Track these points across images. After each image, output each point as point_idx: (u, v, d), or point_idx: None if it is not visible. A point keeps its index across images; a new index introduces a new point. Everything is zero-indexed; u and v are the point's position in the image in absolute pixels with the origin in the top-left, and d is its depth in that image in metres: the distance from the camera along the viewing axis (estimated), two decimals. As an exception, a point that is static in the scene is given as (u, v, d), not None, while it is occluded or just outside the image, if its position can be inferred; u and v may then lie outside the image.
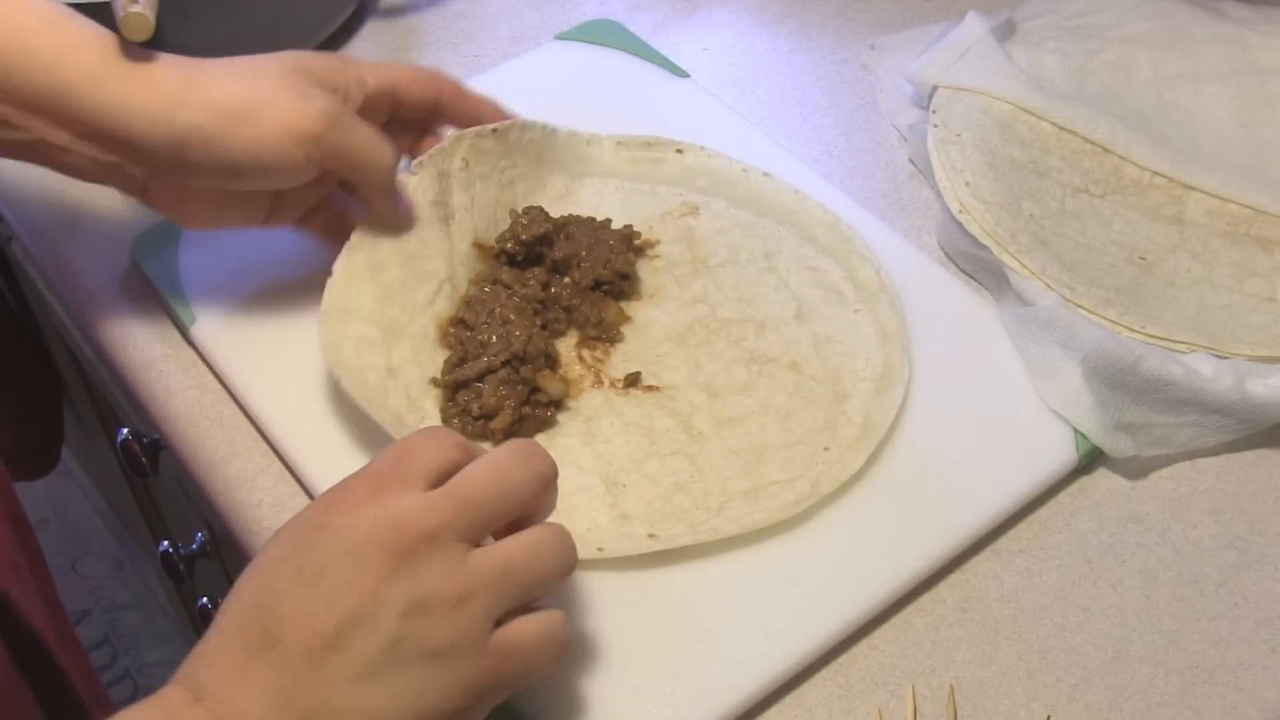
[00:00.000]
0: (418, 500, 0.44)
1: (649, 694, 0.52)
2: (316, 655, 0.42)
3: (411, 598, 0.43)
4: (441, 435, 0.47)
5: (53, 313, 0.80)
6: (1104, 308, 0.63)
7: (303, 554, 0.44)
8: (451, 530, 0.44)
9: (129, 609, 1.60)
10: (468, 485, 0.45)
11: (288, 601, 0.43)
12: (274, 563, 0.44)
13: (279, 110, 0.55)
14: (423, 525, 0.44)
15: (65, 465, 1.65)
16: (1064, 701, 0.53)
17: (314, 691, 0.42)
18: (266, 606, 0.43)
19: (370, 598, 0.43)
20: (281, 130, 0.55)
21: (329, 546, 0.43)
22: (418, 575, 0.43)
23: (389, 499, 0.44)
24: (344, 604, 0.42)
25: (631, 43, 0.79)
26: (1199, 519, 0.59)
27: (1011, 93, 0.71)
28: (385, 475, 0.45)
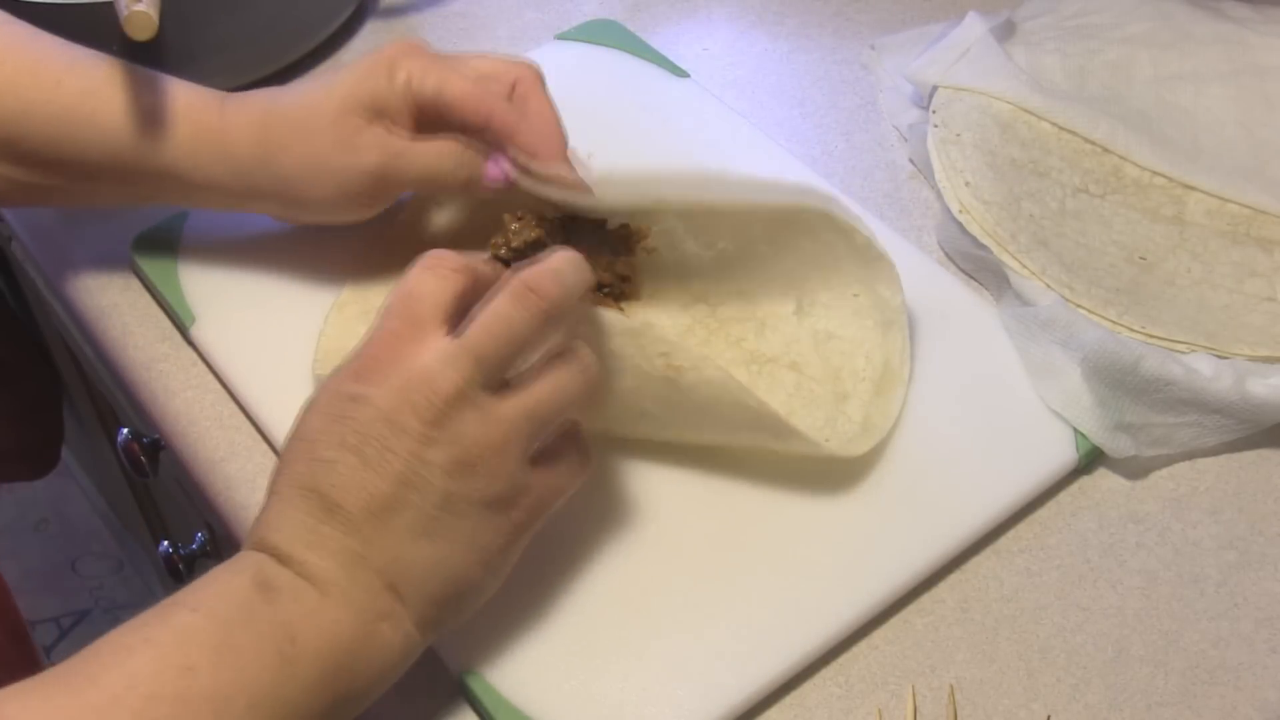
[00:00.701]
0: (437, 358, 0.47)
1: (649, 694, 0.52)
2: (378, 516, 0.46)
3: (453, 456, 0.46)
4: (439, 264, 0.50)
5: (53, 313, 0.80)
6: (1104, 308, 0.63)
7: (342, 424, 0.46)
8: (474, 385, 0.47)
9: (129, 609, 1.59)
10: (479, 337, 0.48)
11: (339, 470, 0.46)
12: (315, 433, 0.47)
13: (333, 175, 0.59)
14: (447, 388, 0.46)
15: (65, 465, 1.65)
16: (1064, 701, 0.53)
17: (382, 548, 0.46)
18: (319, 475, 0.46)
19: (415, 461, 0.46)
20: (340, 194, 0.60)
21: (364, 415, 0.46)
22: (454, 435, 0.46)
23: (410, 359, 0.47)
24: (392, 469, 0.46)
25: (631, 43, 0.79)
26: (1199, 519, 0.59)
27: (1011, 93, 0.72)
28: (400, 331, 0.48)
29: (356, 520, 0.45)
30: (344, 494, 0.45)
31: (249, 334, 0.63)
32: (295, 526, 0.46)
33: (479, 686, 0.52)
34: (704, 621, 0.54)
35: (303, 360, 0.62)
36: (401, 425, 0.46)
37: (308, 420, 0.48)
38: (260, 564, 0.45)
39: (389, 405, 0.46)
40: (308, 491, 0.46)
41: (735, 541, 0.56)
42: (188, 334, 0.64)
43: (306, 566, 0.45)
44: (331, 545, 0.45)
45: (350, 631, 0.45)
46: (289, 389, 0.61)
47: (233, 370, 0.62)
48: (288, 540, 0.46)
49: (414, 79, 0.58)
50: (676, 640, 0.53)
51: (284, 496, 0.47)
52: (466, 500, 0.47)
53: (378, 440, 0.46)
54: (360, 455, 0.46)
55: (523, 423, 0.48)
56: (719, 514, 0.57)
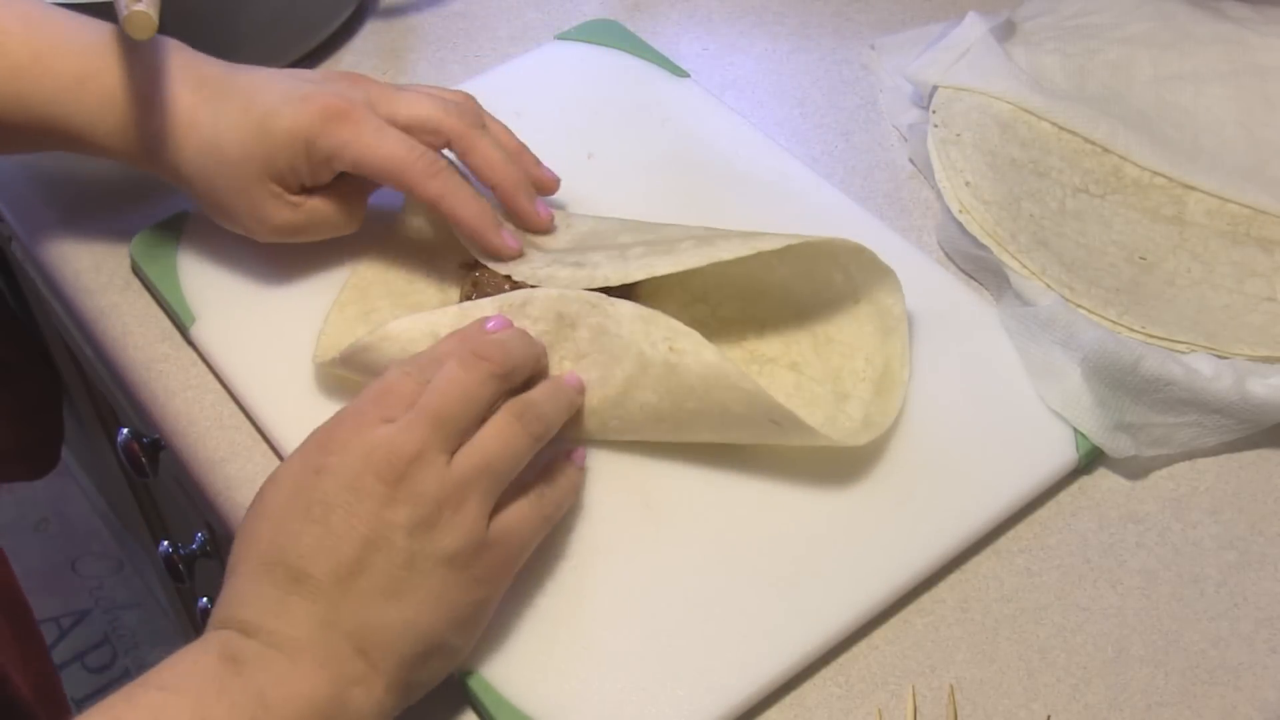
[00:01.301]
0: (396, 427, 0.49)
1: (649, 694, 0.52)
2: (345, 581, 0.46)
3: (414, 516, 0.47)
4: (416, 371, 0.51)
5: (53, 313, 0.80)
6: (1104, 308, 0.63)
7: (306, 495, 0.47)
8: (432, 446, 0.48)
9: (129, 609, 1.60)
10: (435, 401, 0.49)
11: (304, 539, 0.47)
12: (281, 508, 0.48)
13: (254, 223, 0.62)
14: (407, 449, 0.48)
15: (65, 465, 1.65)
16: (1064, 701, 0.53)
17: (350, 613, 0.46)
18: (286, 548, 0.47)
19: (378, 523, 0.47)
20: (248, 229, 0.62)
21: (329, 485, 0.47)
22: (414, 495, 0.48)
23: (370, 432, 0.48)
24: (356, 534, 0.46)
25: (631, 43, 0.79)
26: (1199, 519, 0.59)
27: (1011, 93, 0.71)
28: (367, 413, 0.49)
29: (324, 587, 0.46)
30: (311, 563, 0.46)
31: (249, 334, 0.63)
32: (262, 600, 0.46)
33: (479, 686, 0.52)
34: (704, 621, 0.54)
35: (303, 361, 0.62)
36: (364, 489, 0.47)
37: (270, 498, 0.49)
38: (226, 640, 0.45)
39: (351, 472, 0.47)
40: (273, 565, 0.47)
41: (735, 542, 0.56)
42: (188, 334, 0.64)
43: (275, 636, 0.45)
44: (299, 613, 0.46)
45: (324, 695, 0.45)
46: (289, 389, 0.61)
47: (233, 370, 0.62)
48: (255, 614, 0.46)
49: (334, 158, 0.59)
50: (676, 640, 0.53)
51: (247, 574, 0.47)
52: (430, 558, 0.47)
53: (342, 507, 0.47)
54: (325, 525, 0.47)
55: (479, 478, 0.49)
56: (719, 514, 0.57)
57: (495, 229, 0.60)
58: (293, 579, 0.46)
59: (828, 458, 0.59)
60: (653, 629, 0.53)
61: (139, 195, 0.70)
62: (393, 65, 0.80)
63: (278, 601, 0.46)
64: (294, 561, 0.46)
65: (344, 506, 0.47)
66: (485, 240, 0.60)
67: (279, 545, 0.47)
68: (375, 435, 0.48)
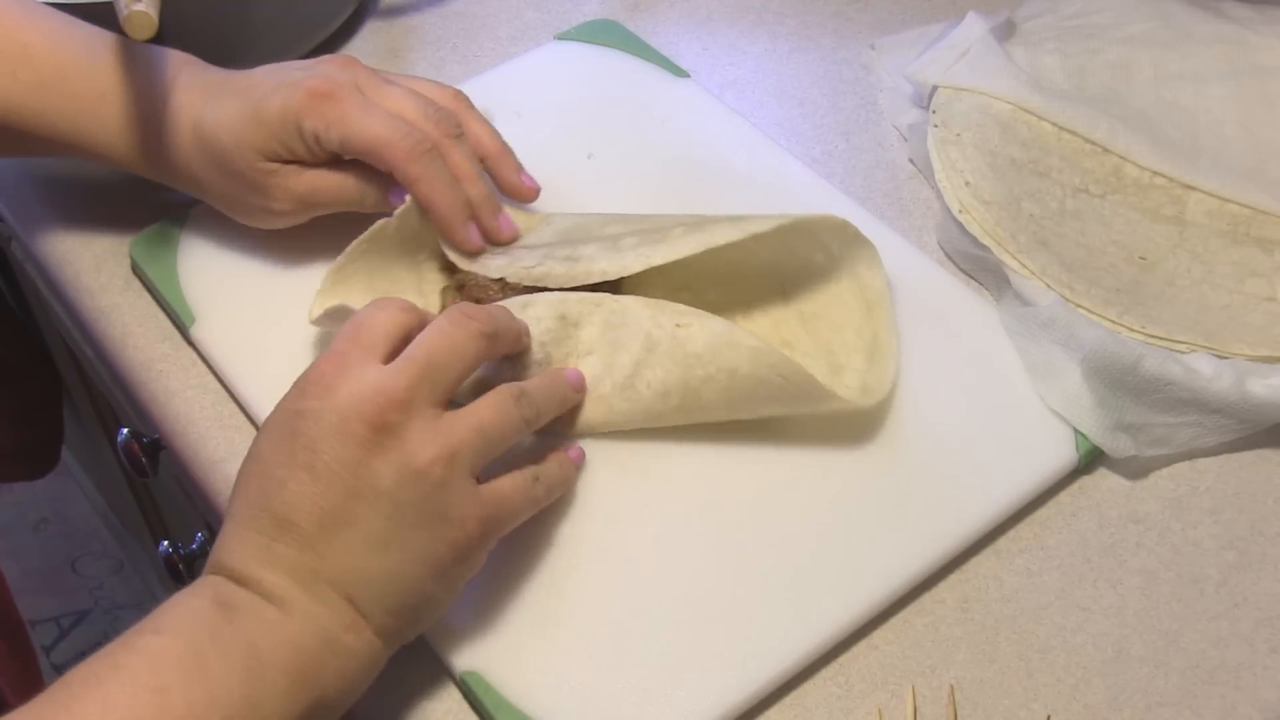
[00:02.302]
0: (383, 371, 0.48)
1: (649, 694, 0.52)
2: (330, 530, 0.46)
3: (401, 465, 0.47)
4: (389, 304, 0.51)
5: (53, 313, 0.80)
6: (1104, 308, 0.63)
7: (291, 441, 0.47)
8: (420, 394, 0.48)
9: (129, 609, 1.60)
10: (422, 350, 0.49)
11: (289, 486, 0.47)
12: (267, 454, 0.48)
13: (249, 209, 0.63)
14: (394, 394, 0.47)
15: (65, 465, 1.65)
16: (1064, 701, 0.53)
17: (335, 562, 0.46)
18: (271, 494, 0.47)
19: (364, 471, 0.47)
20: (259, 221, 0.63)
21: (313, 430, 0.47)
22: (401, 443, 0.47)
23: (356, 374, 0.48)
24: (341, 482, 0.46)
25: (631, 43, 0.79)
26: (1199, 519, 0.59)
27: (1011, 93, 0.71)
28: (347, 352, 0.49)
29: (310, 535, 0.46)
30: (296, 510, 0.46)
31: (249, 334, 0.63)
32: (249, 546, 0.47)
33: (479, 686, 0.52)
34: (704, 621, 0.54)
35: (303, 360, 0.62)
36: (350, 433, 0.47)
37: (260, 442, 0.49)
38: (219, 586, 0.46)
39: (338, 416, 0.47)
40: (260, 511, 0.47)
41: (736, 542, 0.56)
42: (188, 334, 0.64)
43: (263, 585, 0.46)
44: (286, 562, 0.46)
45: (313, 643, 0.46)
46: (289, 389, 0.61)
47: (233, 370, 0.62)
48: (243, 561, 0.47)
49: (320, 135, 0.59)
50: (676, 640, 0.53)
51: (238, 519, 0.48)
52: (415, 510, 0.47)
53: (327, 452, 0.47)
54: (310, 470, 0.47)
55: (471, 436, 0.49)
56: (719, 515, 0.57)
57: (463, 222, 0.60)
58: (279, 526, 0.46)
59: (828, 457, 0.59)
60: (653, 629, 0.53)
61: (139, 195, 0.70)
62: (393, 65, 0.80)
63: (265, 549, 0.46)
64: (279, 508, 0.46)
65: (329, 451, 0.46)
66: (451, 231, 0.60)
67: (265, 491, 0.47)
68: (362, 378, 0.48)
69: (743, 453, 0.59)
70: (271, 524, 0.46)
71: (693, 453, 0.59)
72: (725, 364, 0.56)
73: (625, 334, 0.57)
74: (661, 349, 0.57)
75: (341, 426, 0.47)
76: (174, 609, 0.45)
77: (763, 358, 0.56)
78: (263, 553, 0.46)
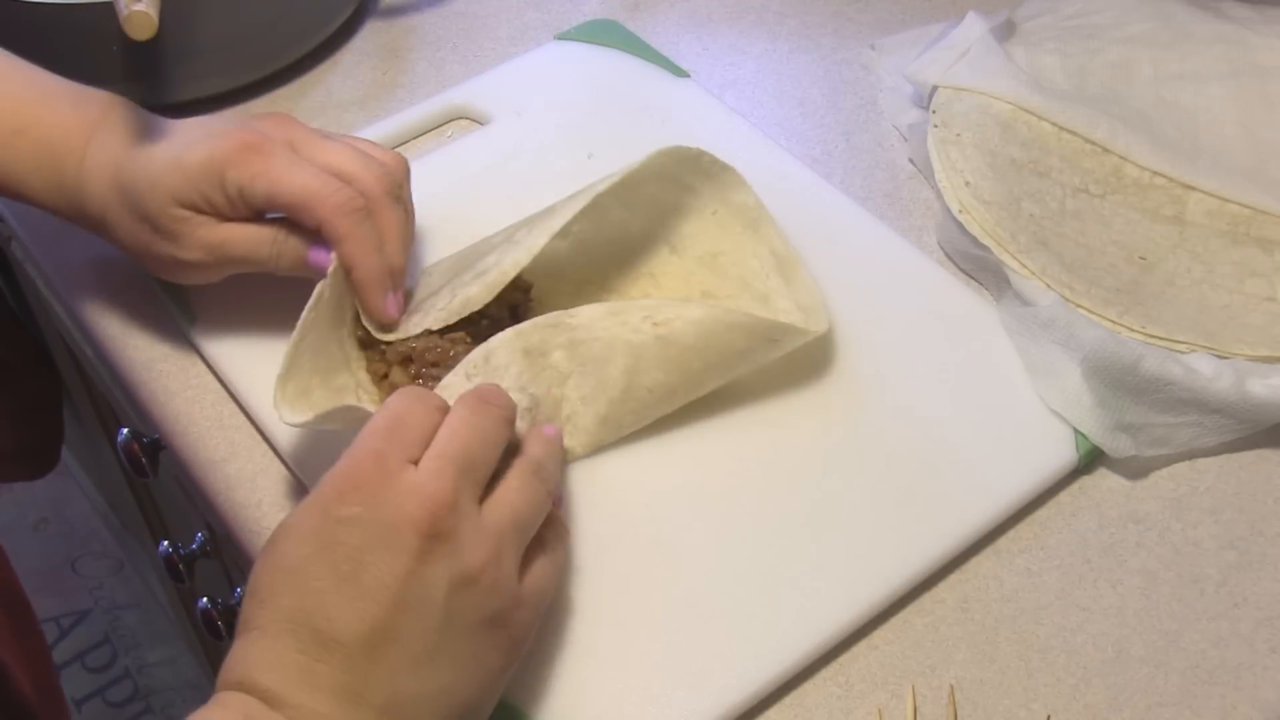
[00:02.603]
0: (426, 475, 0.45)
1: (649, 694, 0.52)
2: (376, 649, 0.43)
3: (453, 573, 0.44)
4: (424, 397, 0.49)
5: (53, 313, 0.80)
6: (1104, 308, 0.63)
7: (332, 551, 0.44)
8: (464, 494, 0.46)
9: (129, 609, 1.60)
10: (456, 446, 0.47)
11: (332, 600, 0.43)
12: (303, 562, 0.44)
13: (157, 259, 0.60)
14: (443, 499, 0.45)
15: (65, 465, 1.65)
16: (1064, 701, 0.53)
17: (382, 684, 0.43)
18: (312, 609, 0.43)
19: (414, 581, 0.44)
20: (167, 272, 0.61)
21: (357, 539, 0.44)
22: (452, 550, 0.45)
23: (399, 479, 0.45)
24: (389, 594, 0.43)
25: (631, 43, 0.79)
26: (1199, 519, 0.59)
27: (1011, 93, 0.71)
28: (386, 453, 0.46)
29: (354, 655, 0.43)
30: (339, 628, 0.43)
31: (249, 334, 0.63)
32: (286, 666, 0.43)
33: (479, 686, 0.52)
34: (704, 621, 0.54)
35: (303, 360, 0.62)
36: (398, 543, 0.44)
37: (291, 549, 0.45)
38: (249, 711, 0.42)
39: (384, 525, 0.44)
40: (298, 626, 0.43)
41: (735, 541, 0.56)
42: (188, 334, 0.64)
43: (302, 710, 0.42)
44: (327, 684, 0.43)
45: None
46: (289, 389, 0.61)
47: (233, 370, 0.62)
48: (280, 682, 0.43)
49: (244, 189, 0.56)
50: (676, 640, 0.53)
51: (270, 633, 0.44)
52: (465, 619, 0.45)
53: (374, 565, 0.43)
54: (355, 583, 0.43)
55: (511, 532, 0.47)
56: (718, 514, 0.57)
57: (384, 290, 0.57)
58: (320, 644, 0.43)
59: (828, 457, 0.59)
60: (653, 629, 0.53)
61: (139, 195, 0.70)
62: (393, 65, 0.80)
63: (303, 669, 0.43)
64: (321, 624, 0.43)
65: (378, 563, 0.43)
66: (370, 297, 0.56)
67: (304, 606, 0.43)
68: (405, 482, 0.45)
69: (742, 453, 0.59)
70: (313, 641, 0.43)
71: (692, 453, 0.59)
72: (721, 347, 0.57)
73: (598, 348, 0.56)
74: (650, 352, 0.56)
75: (390, 536, 0.44)
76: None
77: (758, 329, 0.57)
78: (302, 673, 0.43)
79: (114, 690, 1.53)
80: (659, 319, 0.56)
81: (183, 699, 1.51)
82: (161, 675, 1.55)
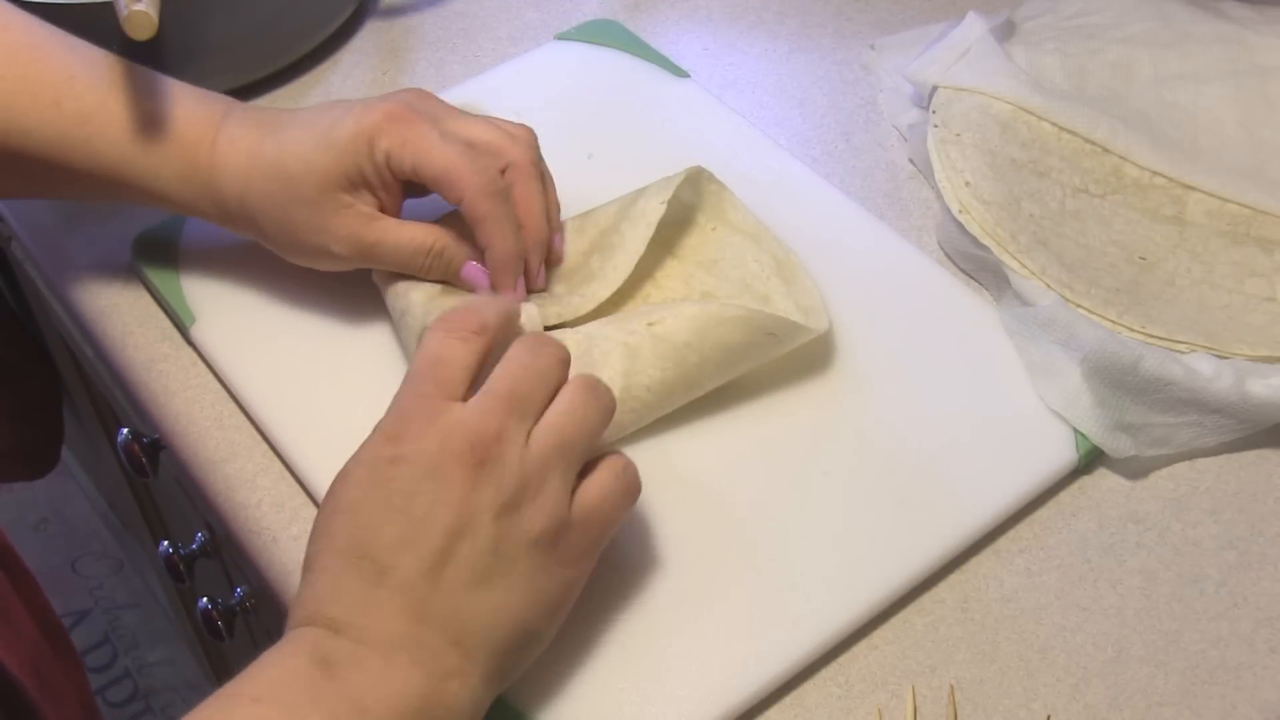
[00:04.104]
0: (473, 410, 0.47)
1: (649, 694, 0.52)
2: (432, 572, 0.45)
3: (499, 499, 0.46)
4: (461, 328, 0.50)
5: (53, 313, 0.80)
6: (1104, 308, 0.63)
7: (384, 487, 0.46)
8: (510, 427, 0.47)
9: (129, 609, 1.60)
10: (508, 384, 0.48)
11: (386, 532, 0.45)
12: (358, 502, 0.46)
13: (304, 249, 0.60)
14: (487, 431, 0.47)
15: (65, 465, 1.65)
16: (1064, 701, 0.53)
17: (440, 603, 0.45)
18: (368, 541, 0.45)
19: (462, 509, 0.46)
20: (311, 262, 0.61)
21: (408, 475, 0.46)
22: (497, 477, 0.46)
23: (445, 416, 0.47)
24: (440, 522, 0.45)
25: (631, 43, 0.79)
26: (1199, 519, 0.59)
27: (1011, 93, 0.71)
28: (430, 394, 0.48)
29: (412, 580, 0.45)
30: (395, 555, 0.45)
31: (249, 334, 0.63)
32: (349, 594, 0.45)
33: (479, 686, 0.52)
34: (704, 621, 0.54)
35: (303, 360, 0.62)
36: (446, 475, 0.46)
37: (345, 493, 0.47)
38: (316, 640, 0.44)
39: (430, 459, 0.46)
40: (358, 559, 0.45)
41: (735, 541, 0.56)
42: (188, 334, 0.64)
43: (366, 632, 0.44)
44: (388, 608, 0.45)
45: (419, 692, 0.44)
46: (289, 389, 0.61)
47: (233, 370, 0.62)
48: (343, 610, 0.45)
49: (392, 156, 0.57)
50: (676, 640, 0.53)
51: (331, 569, 0.46)
52: (515, 542, 0.46)
53: (424, 495, 0.46)
54: (407, 515, 0.45)
55: (556, 455, 0.48)
56: (718, 515, 0.57)
57: (515, 273, 0.59)
58: (379, 572, 0.45)
59: (828, 456, 0.59)
60: (652, 628, 0.53)
61: (139, 195, 0.70)
62: (393, 65, 0.80)
63: (365, 596, 0.45)
64: (379, 554, 0.45)
65: (426, 494, 0.45)
66: (502, 277, 0.58)
67: (360, 540, 0.45)
68: (450, 418, 0.47)
69: (741, 453, 0.59)
70: (372, 570, 0.45)
71: (691, 453, 0.59)
72: (716, 341, 0.57)
73: (597, 354, 0.57)
74: (645, 351, 0.57)
75: (437, 469, 0.46)
76: (269, 670, 0.43)
77: (753, 323, 0.57)
78: (364, 600, 0.45)
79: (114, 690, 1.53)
80: (653, 319, 0.57)
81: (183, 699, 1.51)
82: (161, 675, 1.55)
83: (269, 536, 0.58)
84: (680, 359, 0.57)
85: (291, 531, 0.58)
